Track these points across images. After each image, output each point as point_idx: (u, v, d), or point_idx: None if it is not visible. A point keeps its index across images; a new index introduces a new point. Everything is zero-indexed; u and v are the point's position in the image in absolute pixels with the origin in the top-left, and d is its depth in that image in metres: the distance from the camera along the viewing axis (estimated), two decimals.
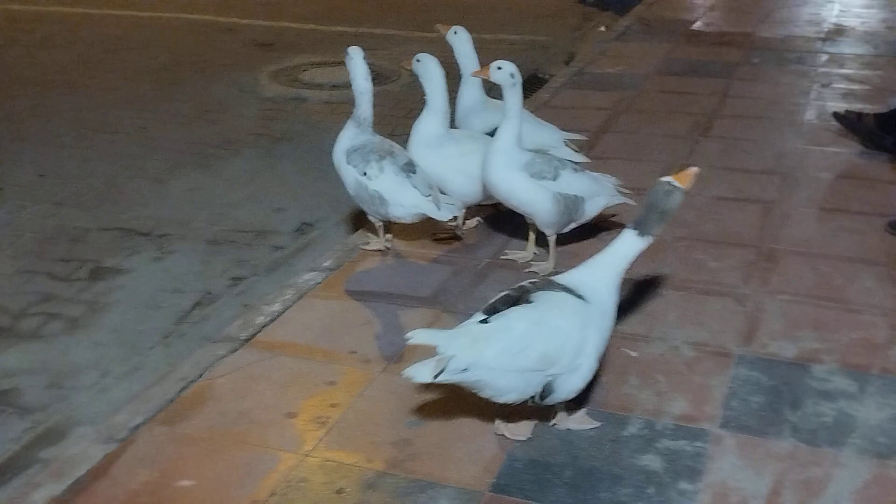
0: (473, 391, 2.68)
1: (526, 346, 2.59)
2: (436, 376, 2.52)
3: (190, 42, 8.48)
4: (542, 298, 2.68)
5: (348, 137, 3.94)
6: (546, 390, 2.67)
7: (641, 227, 2.74)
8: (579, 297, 2.71)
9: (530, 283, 2.78)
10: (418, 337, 2.55)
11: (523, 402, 2.72)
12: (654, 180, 2.79)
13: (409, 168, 3.87)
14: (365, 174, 3.83)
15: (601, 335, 2.73)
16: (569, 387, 2.70)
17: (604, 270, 2.78)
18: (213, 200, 5.07)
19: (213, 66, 7.65)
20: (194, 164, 5.59)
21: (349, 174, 3.90)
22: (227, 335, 3.45)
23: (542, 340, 2.60)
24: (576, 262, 3.51)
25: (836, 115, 5.46)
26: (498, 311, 2.66)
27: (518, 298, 2.69)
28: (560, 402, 2.79)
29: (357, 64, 3.99)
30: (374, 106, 4.00)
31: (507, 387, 2.63)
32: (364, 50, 4.02)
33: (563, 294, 2.71)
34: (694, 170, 2.79)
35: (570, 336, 2.64)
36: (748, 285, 3.77)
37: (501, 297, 2.72)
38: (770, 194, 4.63)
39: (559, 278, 2.81)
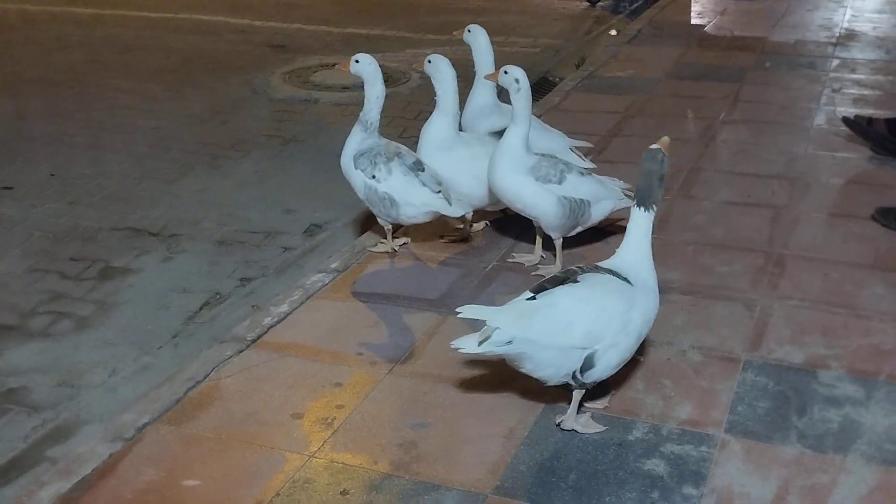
0: (515, 364, 2.78)
1: (571, 323, 2.71)
2: (480, 343, 2.65)
3: (202, 43, 8.51)
4: (589, 279, 2.81)
5: (355, 142, 3.95)
6: (586, 365, 2.75)
7: (647, 201, 2.88)
8: (624, 279, 2.85)
9: (577, 266, 2.90)
10: (467, 311, 2.68)
11: (563, 383, 2.82)
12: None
13: (418, 167, 3.88)
14: (374, 177, 3.84)
15: (644, 316, 2.85)
16: (606, 363, 2.79)
17: (635, 254, 2.93)
18: (223, 201, 5.09)
19: (224, 67, 7.67)
20: (205, 165, 5.61)
21: (358, 179, 3.91)
22: (235, 336, 3.47)
23: (588, 318, 2.73)
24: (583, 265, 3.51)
25: (845, 120, 5.44)
26: (545, 290, 2.77)
27: (565, 279, 2.81)
28: (595, 382, 2.86)
29: (373, 70, 3.95)
30: (384, 108, 4.00)
31: (548, 361, 2.74)
32: (375, 52, 4.03)
33: (609, 276, 2.84)
34: (665, 139, 2.93)
35: (613, 316, 2.76)
36: (756, 290, 3.76)
37: (549, 277, 2.86)
38: (780, 199, 4.63)
39: (603, 263, 2.94)
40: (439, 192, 3.84)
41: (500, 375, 3.17)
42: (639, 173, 2.90)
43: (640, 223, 2.91)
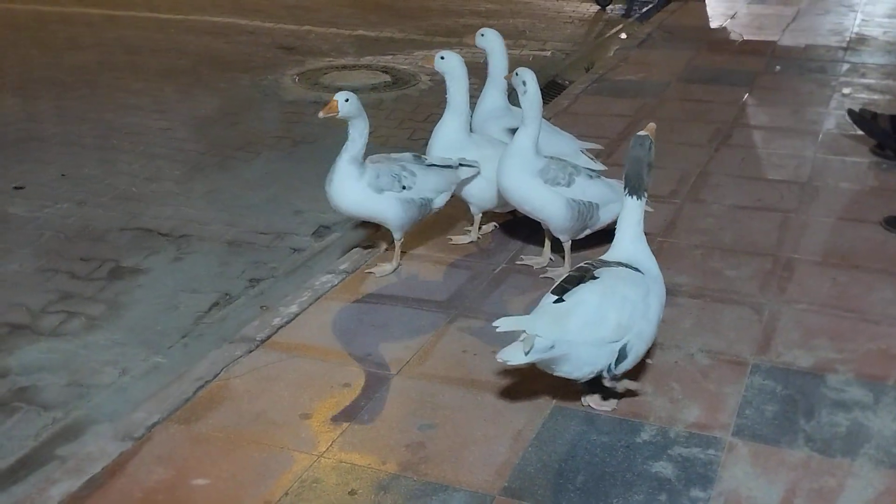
0: (550, 368, 2.83)
1: (603, 317, 2.78)
2: (526, 353, 2.69)
3: (213, 44, 8.54)
4: (606, 273, 2.88)
5: (354, 177, 3.68)
6: (619, 356, 2.83)
7: (638, 189, 2.97)
8: (635, 269, 2.93)
9: (587, 263, 2.96)
10: (505, 325, 2.74)
11: (597, 376, 2.88)
12: (668, 190, 2.83)
13: (420, 160, 3.92)
14: (404, 188, 3.77)
15: (659, 301, 2.95)
16: (636, 352, 2.88)
17: (634, 242, 3.01)
18: (233, 202, 5.10)
19: (235, 69, 7.70)
20: (214, 166, 5.63)
21: (388, 201, 3.73)
22: (244, 336, 3.48)
23: (616, 309, 2.80)
24: None
25: (850, 113, 5.45)
26: (567, 291, 2.83)
27: (582, 277, 2.87)
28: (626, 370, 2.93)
29: (357, 108, 3.67)
30: (393, 110, 4.00)
31: (585, 359, 2.81)
32: (385, 54, 4.03)
33: (623, 268, 2.92)
34: (652, 125, 3.02)
35: (636, 304, 2.84)
36: (765, 294, 3.76)
37: (565, 277, 2.91)
38: (789, 203, 4.62)
39: (609, 257, 3.01)
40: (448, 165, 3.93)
41: (507, 377, 3.18)
42: (627, 161, 2.95)
43: (633, 211, 2.99)
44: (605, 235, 4.06)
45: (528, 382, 3.12)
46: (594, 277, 2.86)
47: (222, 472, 2.74)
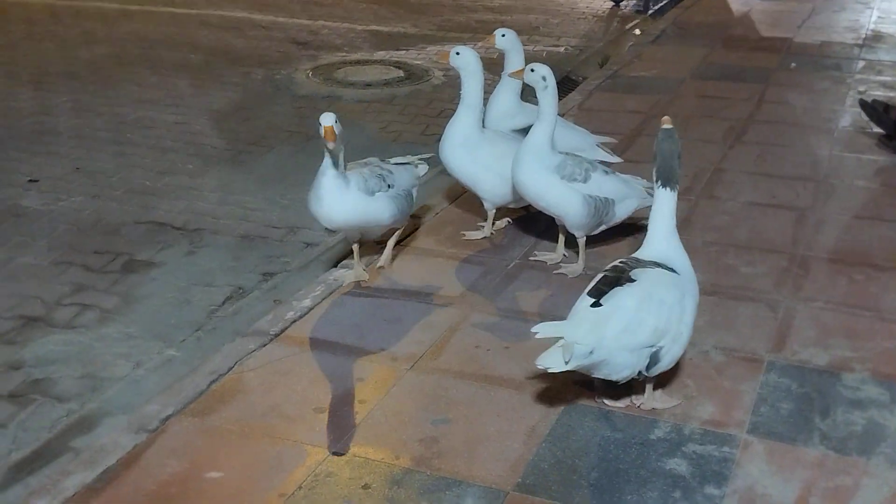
0: (588, 371, 2.81)
1: (641, 322, 2.76)
2: (567, 362, 2.68)
3: (226, 39, 8.54)
4: (643, 275, 2.84)
5: (343, 188, 3.57)
6: (652, 361, 2.81)
7: (671, 181, 2.93)
8: (671, 269, 2.90)
9: (621, 262, 2.92)
10: (543, 331, 2.72)
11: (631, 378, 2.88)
12: (683, 186, 2.82)
13: (385, 161, 3.90)
14: (390, 186, 3.72)
15: (694, 302, 2.92)
16: (672, 355, 2.86)
17: (667, 239, 2.97)
18: (246, 196, 5.10)
19: (248, 63, 7.70)
20: (227, 160, 5.63)
21: (382, 201, 3.67)
22: (258, 330, 3.48)
23: (653, 315, 2.77)
24: (605, 263, 3.50)
25: (862, 104, 5.43)
26: (603, 293, 2.80)
27: (618, 278, 2.83)
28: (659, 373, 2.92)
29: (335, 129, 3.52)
30: (406, 105, 3.99)
31: (623, 364, 2.79)
32: (398, 49, 4.02)
33: (659, 269, 2.88)
34: (667, 118, 2.97)
35: (673, 308, 2.81)
36: (780, 292, 3.74)
37: (601, 278, 2.87)
38: (804, 201, 4.60)
39: (643, 255, 2.96)
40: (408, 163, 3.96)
41: (522, 373, 3.17)
42: (658, 154, 2.91)
43: (667, 204, 2.95)
44: (619, 231, 4.06)
45: (542, 378, 3.11)
46: (631, 279, 2.82)
47: (236, 465, 2.74)
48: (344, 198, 3.58)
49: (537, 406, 3.01)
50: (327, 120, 3.52)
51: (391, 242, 3.96)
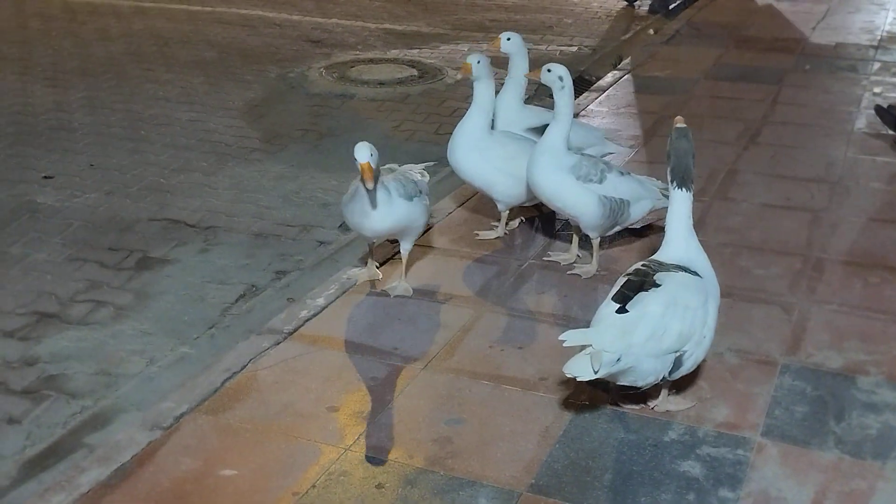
0: (614, 378, 2.80)
1: (666, 328, 2.75)
2: (596, 371, 2.67)
3: (241, 37, 8.56)
4: (667, 280, 2.84)
5: (383, 200, 3.51)
6: (675, 365, 2.82)
7: (686, 181, 2.94)
8: (694, 273, 2.89)
9: (644, 265, 2.91)
10: (571, 339, 2.71)
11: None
12: (696, 188, 2.82)
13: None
14: (420, 192, 3.70)
15: (716, 304, 2.93)
16: (694, 359, 2.86)
17: (686, 240, 2.97)
18: (260, 194, 5.11)
19: (262, 61, 7.71)
20: (241, 158, 5.64)
21: (420, 206, 3.65)
22: (271, 328, 3.49)
23: (678, 320, 2.77)
24: (619, 265, 3.51)
25: (878, 109, 5.41)
26: (628, 298, 2.79)
27: (642, 283, 2.82)
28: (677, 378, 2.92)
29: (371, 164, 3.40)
30: (419, 104, 3.98)
31: (649, 370, 2.79)
32: (411, 48, 4.01)
33: (683, 273, 2.88)
34: (680, 117, 3.00)
35: (697, 312, 2.81)
36: (794, 294, 3.73)
37: (625, 283, 2.86)
38: (819, 203, 4.58)
39: (664, 258, 2.95)
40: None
41: (535, 373, 3.17)
42: (672, 154, 2.91)
43: (684, 205, 2.95)
44: (633, 232, 4.06)
45: (556, 379, 3.11)
46: (655, 284, 2.81)
47: (250, 463, 2.75)
48: (389, 208, 3.54)
49: (551, 407, 3.01)
50: (362, 155, 3.31)
51: (405, 260, 3.82)
